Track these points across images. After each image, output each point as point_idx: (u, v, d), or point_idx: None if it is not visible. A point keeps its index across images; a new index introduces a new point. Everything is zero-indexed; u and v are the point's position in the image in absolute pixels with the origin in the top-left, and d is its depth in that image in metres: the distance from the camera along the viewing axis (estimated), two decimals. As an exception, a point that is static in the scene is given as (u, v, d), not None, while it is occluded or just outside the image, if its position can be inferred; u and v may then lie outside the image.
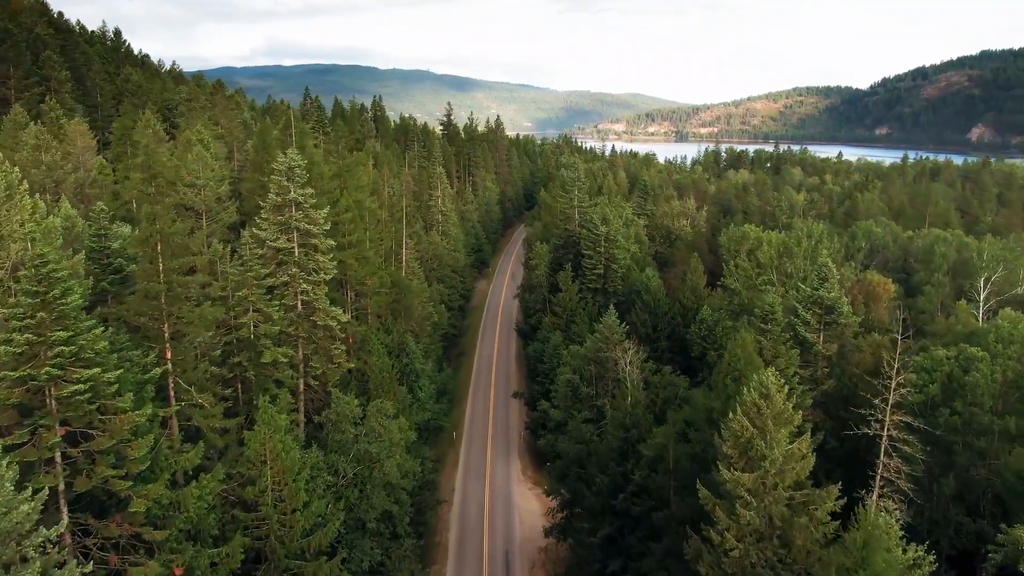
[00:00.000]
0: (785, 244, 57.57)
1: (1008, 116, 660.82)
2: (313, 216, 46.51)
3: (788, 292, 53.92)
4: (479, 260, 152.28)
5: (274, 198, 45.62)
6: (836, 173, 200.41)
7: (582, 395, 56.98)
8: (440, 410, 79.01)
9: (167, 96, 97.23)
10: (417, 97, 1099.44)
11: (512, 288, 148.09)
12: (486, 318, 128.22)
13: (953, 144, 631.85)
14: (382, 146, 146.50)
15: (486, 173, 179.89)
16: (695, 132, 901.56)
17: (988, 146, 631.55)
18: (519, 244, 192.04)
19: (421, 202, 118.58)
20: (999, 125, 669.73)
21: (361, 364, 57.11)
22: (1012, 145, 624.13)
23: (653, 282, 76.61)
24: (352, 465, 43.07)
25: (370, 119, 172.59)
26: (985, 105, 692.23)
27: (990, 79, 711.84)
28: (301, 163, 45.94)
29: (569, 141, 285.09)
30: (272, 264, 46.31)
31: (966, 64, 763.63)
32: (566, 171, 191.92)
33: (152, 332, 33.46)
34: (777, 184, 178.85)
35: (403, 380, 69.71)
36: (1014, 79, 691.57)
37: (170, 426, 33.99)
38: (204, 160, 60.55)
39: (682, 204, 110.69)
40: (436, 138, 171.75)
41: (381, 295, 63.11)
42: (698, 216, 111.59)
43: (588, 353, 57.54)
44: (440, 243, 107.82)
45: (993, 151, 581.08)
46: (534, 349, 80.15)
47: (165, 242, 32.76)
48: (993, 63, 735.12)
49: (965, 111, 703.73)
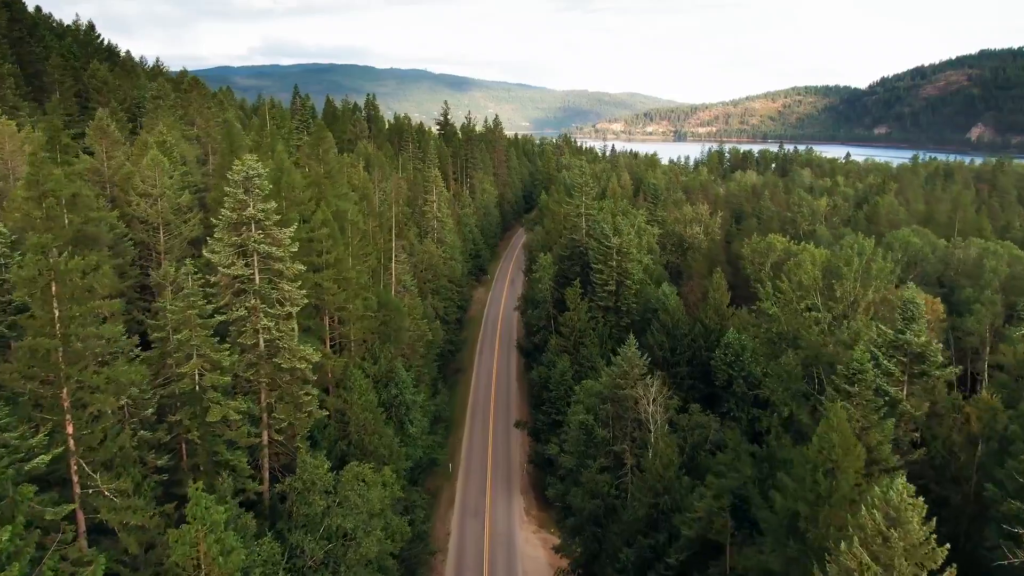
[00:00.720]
0: (831, 263, 49.30)
1: (1008, 115, 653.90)
2: (277, 236, 38.11)
3: (843, 324, 45.59)
4: (477, 266, 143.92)
5: (228, 214, 37.20)
6: (847, 175, 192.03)
7: (597, 439, 48.71)
8: (434, 443, 70.68)
9: (138, 93, 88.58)
10: (415, 96, 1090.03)
11: (512, 296, 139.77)
12: (485, 330, 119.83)
13: (953, 144, 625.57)
14: (375, 147, 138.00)
15: (484, 175, 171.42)
16: (694, 132, 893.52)
17: (988, 145, 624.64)
18: (518, 248, 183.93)
19: (415, 208, 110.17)
20: (999, 124, 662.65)
21: (341, 403, 48.82)
22: (1012, 145, 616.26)
23: (671, 300, 68.30)
24: (322, 544, 34.74)
25: (363, 119, 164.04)
26: (985, 104, 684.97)
27: (989, 78, 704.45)
28: (262, 171, 37.55)
29: (569, 141, 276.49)
30: (227, 294, 37.94)
31: (965, 63, 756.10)
32: (567, 173, 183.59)
33: (46, 401, 25.07)
34: (788, 187, 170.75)
35: (391, 414, 61.40)
36: (1013, 78, 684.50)
37: (76, 524, 25.65)
38: (161, 165, 52.06)
39: (694, 210, 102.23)
40: (432, 139, 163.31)
41: (366, 319, 54.77)
42: (711, 222, 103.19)
43: (604, 390, 49.27)
44: (435, 252, 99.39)
45: (993, 151, 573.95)
46: (538, 374, 71.81)
47: (61, 282, 24.39)
48: (992, 62, 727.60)
49: (964, 110, 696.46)
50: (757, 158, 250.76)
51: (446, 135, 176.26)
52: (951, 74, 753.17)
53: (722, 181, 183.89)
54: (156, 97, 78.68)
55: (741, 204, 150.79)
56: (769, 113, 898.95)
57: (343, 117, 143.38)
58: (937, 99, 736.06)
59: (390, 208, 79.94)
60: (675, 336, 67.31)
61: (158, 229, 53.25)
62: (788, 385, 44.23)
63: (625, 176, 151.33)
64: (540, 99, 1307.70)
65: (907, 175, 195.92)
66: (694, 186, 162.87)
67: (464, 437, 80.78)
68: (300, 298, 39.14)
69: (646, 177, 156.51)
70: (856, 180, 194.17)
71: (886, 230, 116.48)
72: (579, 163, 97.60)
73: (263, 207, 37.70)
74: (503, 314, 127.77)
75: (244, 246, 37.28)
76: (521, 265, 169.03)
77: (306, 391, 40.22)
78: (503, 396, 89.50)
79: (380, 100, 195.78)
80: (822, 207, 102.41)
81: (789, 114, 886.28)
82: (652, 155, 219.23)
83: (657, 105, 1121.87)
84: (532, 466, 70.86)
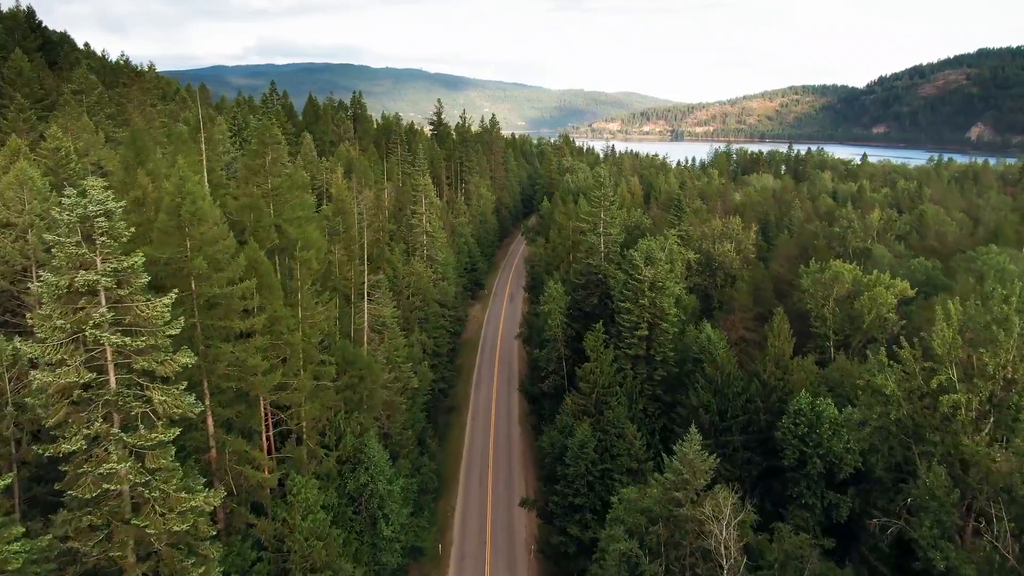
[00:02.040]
0: (973, 320, 34.06)
1: (1008, 115, 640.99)
2: (142, 312, 22.73)
3: (996, 414, 30.48)
4: (473, 280, 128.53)
5: (53, 283, 21.82)
6: (870, 178, 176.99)
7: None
8: (418, 527, 55.44)
9: (66, 87, 72.76)
10: (410, 96, 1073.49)
11: (513, 314, 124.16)
12: (482, 356, 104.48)
13: (952, 143, 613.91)
14: (359, 150, 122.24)
15: (480, 179, 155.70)
16: (691, 131, 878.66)
17: (988, 145, 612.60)
18: (518, 257, 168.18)
19: (402, 222, 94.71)
20: (998, 124, 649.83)
21: (278, 528, 33.54)
22: (1013, 144, 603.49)
23: (719, 349, 53.05)
24: None
25: (349, 118, 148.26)
26: (984, 104, 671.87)
27: (988, 78, 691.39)
28: (112, 205, 22.16)
29: (569, 142, 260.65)
30: (61, 408, 22.55)
31: (964, 62, 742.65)
32: (571, 177, 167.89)
33: None
34: (812, 192, 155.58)
35: (361, 508, 46.06)
36: (1013, 78, 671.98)
37: None
38: (29, 184, 36.56)
39: (724, 223, 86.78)
40: (424, 140, 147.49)
41: (322, 394, 39.42)
42: (745, 237, 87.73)
43: (653, 507, 34.06)
44: (424, 273, 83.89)
45: (993, 151, 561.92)
46: (550, 441, 56.39)
47: None
48: (991, 61, 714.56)
49: (964, 110, 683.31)
50: (766, 159, 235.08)
51: (439, 136, 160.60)
52: (949, 73, 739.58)
53: (735, 185, 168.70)
54: (77, 92, 62.97)
55: (766, 213, 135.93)
56: (767, 113, 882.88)
57: (326, 117, 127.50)
58: (936, 98, 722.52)
59: (364, 230, 64.23)
60: (725, 395, 52.08)
61: (28, 273, 37.79)
62: (939, 517, 29.18)
63: (634, 181, 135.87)
64: (536, 98, 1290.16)
65: (934, 178, 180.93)
66: (710, 192, 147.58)
67: (457, 505, 65.43)
68: (186, 408, 23.70)
69: (657, 182, 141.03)
70: (881, 184, 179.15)
71: (938, 245, 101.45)
72: (597, 172, 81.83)
73: (118, 265, 22.27)
74: (502, 336, 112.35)
75: (79, 331, 21.84)
76: (521, 277, 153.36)
77: (202, 550, 24.83)
78: (503, 452, 74.09)
79: (376, 99, 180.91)
80: (875, 221, 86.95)
81: (787, 113, 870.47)
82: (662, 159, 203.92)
83: (653, 104, 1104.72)
84: (543, 556, 55.64)
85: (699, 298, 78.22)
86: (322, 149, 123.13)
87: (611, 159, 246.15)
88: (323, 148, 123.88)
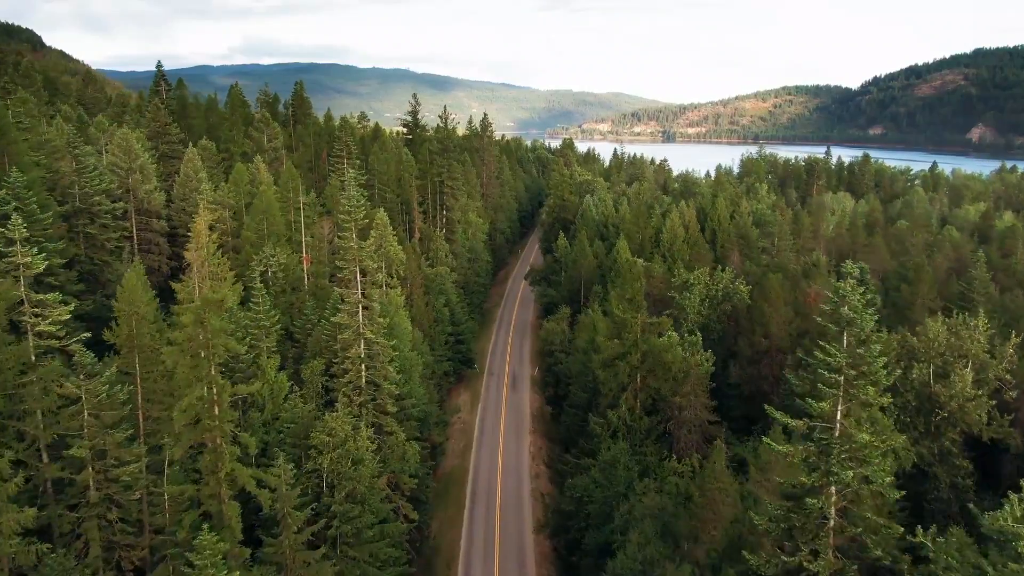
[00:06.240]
0: None
1: (1010, 116, 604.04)
2: None
3: None
4: (459, 356, 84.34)
5: None
6: (968, 192, 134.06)
7: None
8: None
9: None
10: (396, 96, 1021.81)
11: (516, 415, 79.58)
12: (471, 538, 60.25)
13: (953, 144, 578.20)
14: (279, 164, 77.26)
15: (469, 200, 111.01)
16: (682, 132, 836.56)
17: (991, 147, 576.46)
18: (519, 298, 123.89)
19: (332, 298, 50.39)
20: (1000, 125, 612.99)
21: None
22: (1017, 146, 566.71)
23: None
24: None
25: (284, 118, 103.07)
26: (984, 104, 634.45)
27: (987, 78, 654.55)
28: None
29: (572, 146, 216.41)
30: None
31: (961, 62, 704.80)
32: (592, 202, 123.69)
33: None
34: (919, 219, 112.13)
35: None
36: (1012, 78, 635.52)
37: None
38: None
39: (950, 327, 43.62)
40: (392, 148, 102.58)
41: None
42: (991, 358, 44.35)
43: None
44: (357, 440, 40.08)
45: (996, 152, 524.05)
46: None
47: None
48: (989, 61, 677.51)
49: (963, 110, 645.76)
50: (805, 166, 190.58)
51: (413, 141, 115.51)
52: (947, 73, 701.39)
53: (805, 209, 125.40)
54: None
55: (853, 252, 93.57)
56: (759, 113, 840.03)
57: (234, 115, 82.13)
58: (934, 99, 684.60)
59: (216, 354, 20.66)
60: None
61: None
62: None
63: (688, 211, 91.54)
64: (524, 99, 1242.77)
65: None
66: (770, 220, 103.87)
67: None
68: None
69: (715, 213, 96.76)
70: (973, 200, 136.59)
71: None
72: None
73: None
74: (502, 470, 67.41)
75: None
76: (526, 332, 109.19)
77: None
78: None
79: (362, 100, 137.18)
80: None
81: (780, 114, 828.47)
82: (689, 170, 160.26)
83: (642, 105, 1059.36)
84: None
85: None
86: (232, 162, 78.51)
87: (621, 164, 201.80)
88: (232, 161, 79.14)
